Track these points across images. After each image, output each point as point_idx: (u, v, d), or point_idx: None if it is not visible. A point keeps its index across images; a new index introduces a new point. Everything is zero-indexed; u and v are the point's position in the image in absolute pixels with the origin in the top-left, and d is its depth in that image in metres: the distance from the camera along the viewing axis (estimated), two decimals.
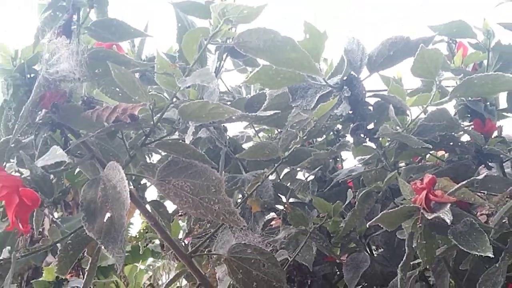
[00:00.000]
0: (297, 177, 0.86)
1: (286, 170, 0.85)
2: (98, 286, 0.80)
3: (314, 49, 0.71)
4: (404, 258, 0.64)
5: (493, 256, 0.59)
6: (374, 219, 0.64)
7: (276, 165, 0.70)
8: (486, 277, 0.68)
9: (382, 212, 0.63)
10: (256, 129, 0.84)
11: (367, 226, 0.71)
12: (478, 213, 0.78)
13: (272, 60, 0.66)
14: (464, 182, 0.65)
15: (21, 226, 0.58)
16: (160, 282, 0.90)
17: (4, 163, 0.65)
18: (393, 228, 0.68)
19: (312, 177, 0.90)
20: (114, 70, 0.61)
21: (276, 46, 0.62)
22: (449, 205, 0.61)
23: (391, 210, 0.63)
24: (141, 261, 0.93)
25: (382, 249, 0.83)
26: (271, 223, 0.79)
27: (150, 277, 0.94)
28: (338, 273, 0.79)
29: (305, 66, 0.65)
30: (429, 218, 0.60)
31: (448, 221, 0.58)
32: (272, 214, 0.78)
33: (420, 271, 0.73)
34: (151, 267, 0.98)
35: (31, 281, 0.86)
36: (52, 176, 0.65)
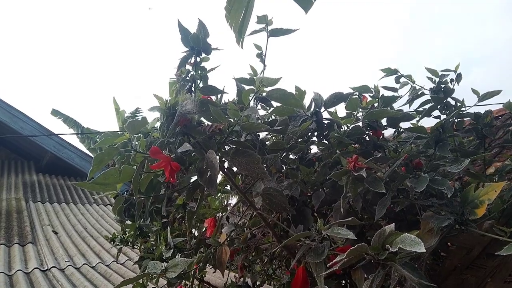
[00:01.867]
0: (290, 157, 1.60)
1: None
2: (201, 207, 1.52)
3: (300, 97, 1.45)
4: (344, 193, 1.16)
5: (385, 192, 1.09)
6: (331, 174, 1.17)
7: (281, 152, 1.45)
8: (381, 202, 1.16)
9: (333, 172, 1.16)
10: (270, 135, 1.58)
11: (326, 178, 1.42)
12: (377, 173, 1.54)
13: (283, 103, 1.25)
14: (370, 159, 1.35)
15: (172, 179, 1.11)
16: (225, 203, 1.59)
17: (163, 151, 1.34)
18: (338, 179, 1.18)
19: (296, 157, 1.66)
20: (211, 108, 1.24)
21: (285, 96, 1.22)
22: (364, 169, 1.10)
23: (338, 171, 1.15)
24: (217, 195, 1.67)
25: (328, 189, 1.41)
26: (280, 178, 1.54)
27: (220, 202, 1.63)
28: (309, 201, 1.53)
29: (298, 105, 1.26)
30: (355, 174, 1.10)
31: (365, 176, 1.07)
32: (279, 174, 1.53)
33: (349, 199, 1.33)
34: (221, 197, 1.68)
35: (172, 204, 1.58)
36: (184, 157, 1.35)
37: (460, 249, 1.40)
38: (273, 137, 1.54)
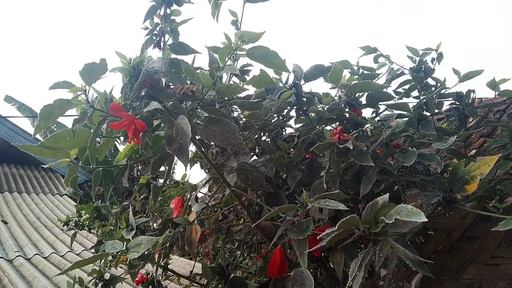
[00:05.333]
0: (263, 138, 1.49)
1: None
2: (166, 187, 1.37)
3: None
4: (326, 169, 1.10)
5: (373, 165, 1.01)
6: (313, 148, 1.06)
7: (257, 127, 1.34)
8: (366, 178, 1.11)
9: (317, 144, 1.06)
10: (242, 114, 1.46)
11: (304, 157, 1.32)
12: None
13: (265, 63, 1.12)
14: (351, 135, 1.29)
15: (136, 140, 0.93)
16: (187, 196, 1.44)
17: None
18: (321, 153, 1.11)
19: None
20: (184, 65, 1.01)
21: (268, 55, 1.08)
22: (351, 141, 1.03)
23: (321, 143, 1.06)
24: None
25: (302, 172, 1.31)
26: (253, 157, 1.43)
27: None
28: (282, 183, 1.43)
29: (282, 66, 1.13)
30: (341, 147, 1.03)
31: (351, 148, 1.01)
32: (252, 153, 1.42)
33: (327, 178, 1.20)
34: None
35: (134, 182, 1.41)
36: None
37: (440, 232, 1.35)
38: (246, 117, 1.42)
